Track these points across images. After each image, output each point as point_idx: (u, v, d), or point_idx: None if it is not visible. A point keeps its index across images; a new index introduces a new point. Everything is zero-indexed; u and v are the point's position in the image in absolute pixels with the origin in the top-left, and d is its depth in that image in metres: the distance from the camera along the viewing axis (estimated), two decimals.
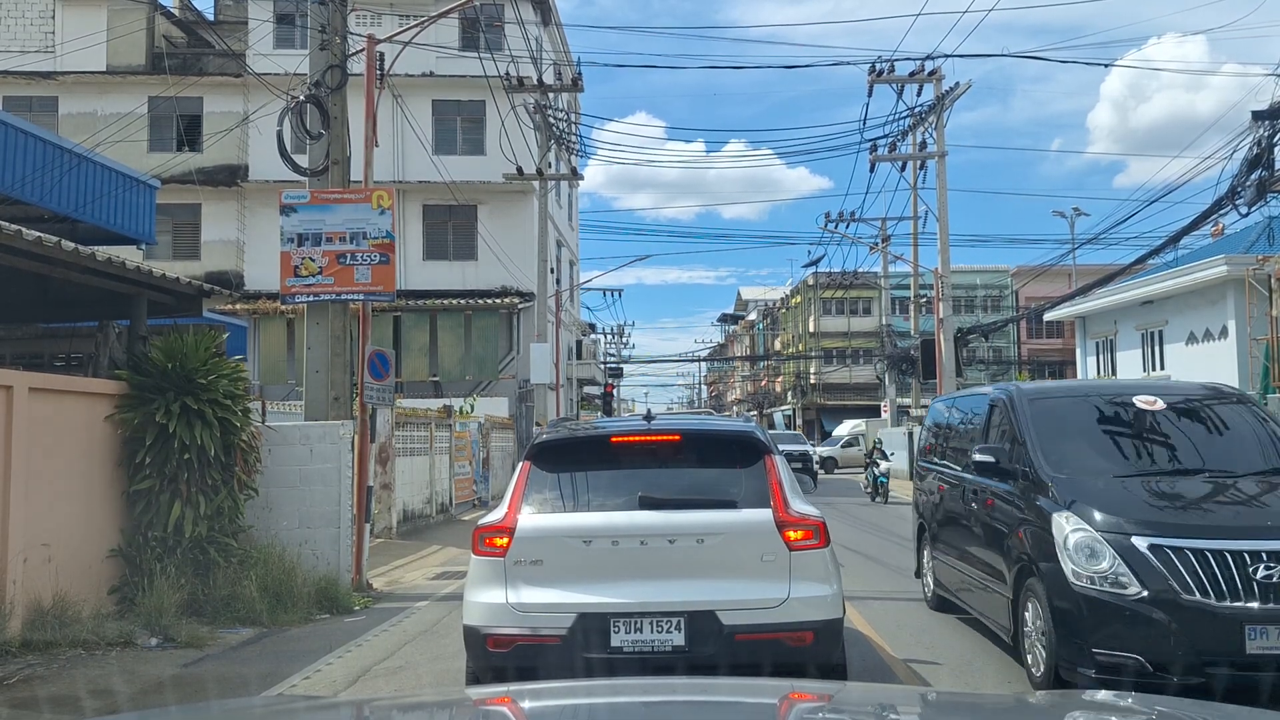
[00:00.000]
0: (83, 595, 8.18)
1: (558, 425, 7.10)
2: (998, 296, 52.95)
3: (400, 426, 16.74)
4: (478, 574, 5.40)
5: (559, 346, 30.62)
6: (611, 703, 2.68)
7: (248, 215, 28.41)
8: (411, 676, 7.09)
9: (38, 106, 26.73)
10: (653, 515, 5.34)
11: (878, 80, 24.14)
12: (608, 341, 53.26)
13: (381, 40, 12.48)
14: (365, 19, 23.59)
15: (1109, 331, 29.52)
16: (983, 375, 48.93)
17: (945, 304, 25.44)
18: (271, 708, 3.32)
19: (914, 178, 28.98)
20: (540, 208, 26.95)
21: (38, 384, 8.10)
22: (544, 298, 27.32)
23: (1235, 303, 21.82)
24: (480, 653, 5.32)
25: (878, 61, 24.00)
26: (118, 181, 13.12)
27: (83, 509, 8.52)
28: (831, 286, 44.27)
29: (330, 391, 11.10)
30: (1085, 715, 2.55)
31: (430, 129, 27.47)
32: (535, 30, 28.85)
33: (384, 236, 10.73)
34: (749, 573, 5.24)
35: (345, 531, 10.40)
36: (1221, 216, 16.96)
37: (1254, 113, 14.12)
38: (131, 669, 7.30)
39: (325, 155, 11.28)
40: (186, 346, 9.22)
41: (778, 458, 5.69)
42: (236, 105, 27.36)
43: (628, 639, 5.11)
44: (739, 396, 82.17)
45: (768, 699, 2.73)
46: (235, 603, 8.92)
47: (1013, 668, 7.05)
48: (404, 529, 16.49)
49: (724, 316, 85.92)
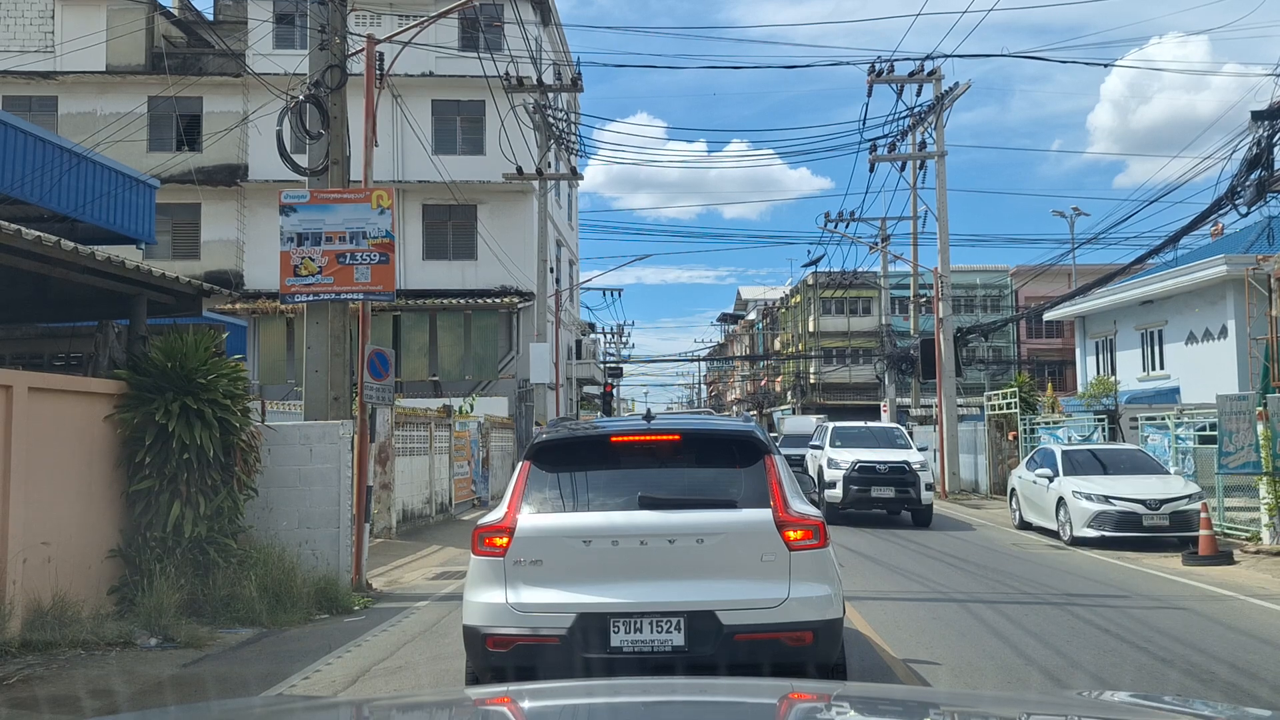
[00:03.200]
0: (82, 595, 8.18)
1: (557, 425, 7.09)
2: (997, 296, 52.94)
3: (400, 426, 16.73)
4: (477, 574, 5.40)
5: (559, 346, 30.62)
6: (611, 703, 2.68)
7: (247, 215, 28.40)
8: (411, 676, 7.09)
9: (37, 106, 26.72)
10: (652, 515, 5.34)
11: (877, 80, 24.15)
12: (607, 341, 53.30)
13: (381, 40, 12.47)
14: (365, 19, 23.58)
15: (1108, 331, 29.53)
16: (982, 375, 48.97)
17: (945, 304, 25.44)
18: (271, 708, 3.32)
19: (914, 178, 28.99)
20: (540, 207, 26.95)
21: (37, 384, 8.09)
22: (544, 297, 27.32)
23: (1235, 302, 21.86)
24: (480, 653, 5.32)
25: (877, 62, 24.02)
26: (117, 181, 13.11)
27: (82, 509, 8.52)
28: (831, 286, 44.23)
29: (330, 391, 11.10)
30: (1084, 715, 2.55)
31: (430, 129, 27.46)
32: (535, 30, 28.85)
33: (383, 236, 10.73)
34: (749, 573, 5.24)
35: (345, 531, 10.40)
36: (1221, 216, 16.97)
37: (1253, 113, 14.13)
38: (131, 669, 7.30)
39: (325, 155, 11.28)
40: (186, 346, 9.22)
41: (777, 457, 5.69)
42: (236, 105, 27.36)
43: (627, 639, 5.11)
44: (739, 396, 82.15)
45: (767, 699, 2.73)
46: (235, 603, 8.92)
47: (1013, 667, 7.06)
48: (403, 529, 16.49)
49: (724, 316, 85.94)
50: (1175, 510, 13.99)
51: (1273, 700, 6.39)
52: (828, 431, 20.12)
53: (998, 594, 10.32)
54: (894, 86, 24.39)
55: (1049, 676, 6.82)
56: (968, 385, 38.80)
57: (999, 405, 25.50)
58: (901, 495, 17.64)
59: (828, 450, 18.78)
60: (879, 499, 17.78)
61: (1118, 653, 7.55)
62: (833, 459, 18.22)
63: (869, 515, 18.43)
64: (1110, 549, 13.87)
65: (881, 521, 18.23)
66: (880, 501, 17.89)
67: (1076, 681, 6.68)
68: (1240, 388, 19.09)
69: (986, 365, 50.96)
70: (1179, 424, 17.25)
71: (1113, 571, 12.16)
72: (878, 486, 17.58)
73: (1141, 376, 27.42)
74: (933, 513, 18.01)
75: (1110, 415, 21.04)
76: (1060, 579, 11.39)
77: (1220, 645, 7.87)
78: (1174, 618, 9.05)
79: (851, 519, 17.99)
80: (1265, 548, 13.30)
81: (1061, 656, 7.38)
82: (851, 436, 19.61)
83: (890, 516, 18.59)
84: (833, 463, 18.12)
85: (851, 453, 18.22)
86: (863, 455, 18.02)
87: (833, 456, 18.31)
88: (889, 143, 26.06)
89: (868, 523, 17.93)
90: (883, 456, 18.02)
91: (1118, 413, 21.15)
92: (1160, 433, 17.91)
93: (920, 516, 17.81)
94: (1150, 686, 6.59)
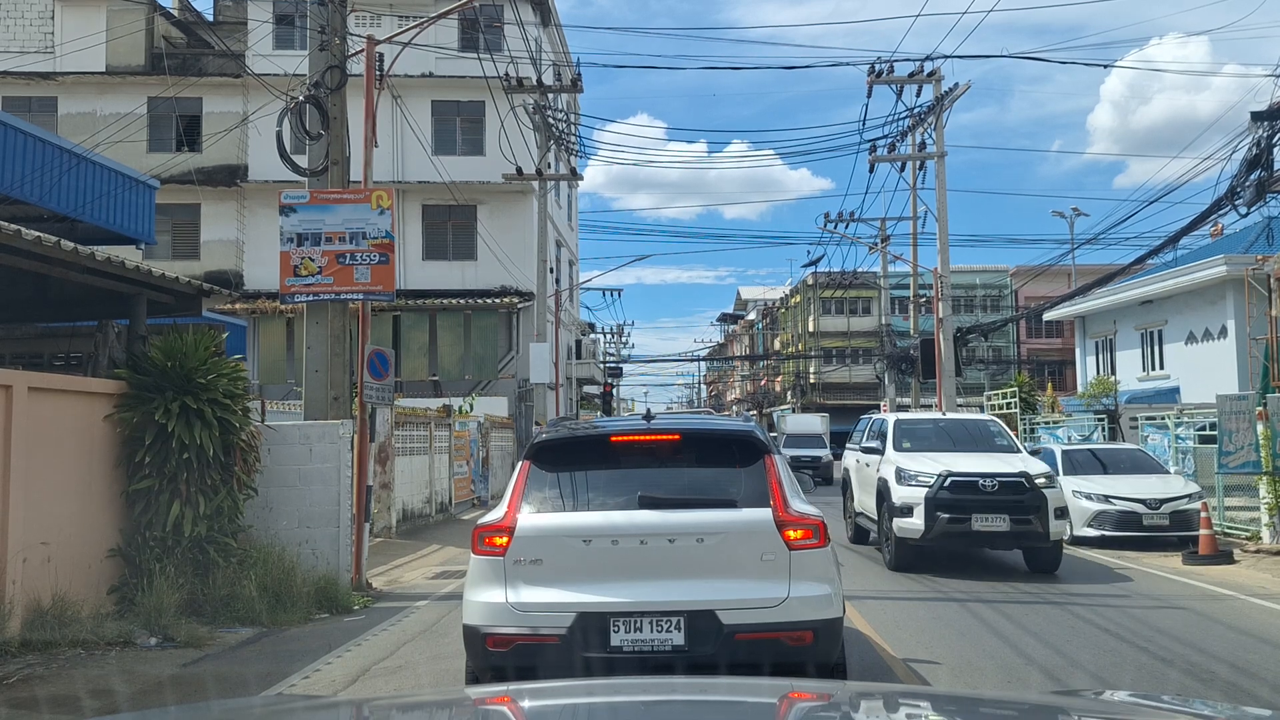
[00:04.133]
0: (82, 595, 8.18)
1: (557, 425, 7.09)
2: (997, 296, 52.95)
3: (400, 426, 16.73)
4: (477, 573, 5.40)
5: (558, 346, 30.61)
6: (611, 702, 2.68)
7: (247, 215, 28.40)
8: (411, 676, 7.09)
9: (37, 107, 26.71)
10: (652, 515, 5.34)
11: (877, 81, 24.13)
12: (607, 341, 53.27)
13: (381, 41, 12.47)
14: (365, 19, 23.57)
15: (1108, 331, 29.53)
16: (982, 375, 48.96)
17: (945, 304, 25.43)
18: (271, 707, 3.32)
19: (913, 178, 28.97)
20: (540, 208, 26.94)
21: (37, 383, 8.10)
22: (543, 297, 27.31)
23: (1234, 303, 21.86)
24: (480, 652, 5.32)
25: (877, 62, 23.98)
26: (117, 181, 13.11)
27: (82, 508, 8.52)
28: (831, 286, 44.20)
29: (330, 391, 11.10)
30: (1084, 715, 2.55)
31: (430, 129, 27.46)
32: (534, 31, 28.84)
33: (383, 236, 10.74)
34: (748, 572, 5.24)
35: (345, 531, 10.40)
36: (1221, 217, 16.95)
37: (1253, 113, 14.13)
38: (131, 669, 7.30)
39: (325, 155, 11.28)
40: (186, 346, 9.22)
41: (777, 457, 5.69)
42: (236, 105, 27.35)
43: (627, 638, 5.11)
44: (738, 396, 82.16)
45: (767, 698, 2.73)
46: (235, 602, 8.92)
47: (1013, 667, 7.06)
48: (403, 528, 16.49)
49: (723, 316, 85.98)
50: (1175, 510, 14.00)
51: (1273, 700, 6.39)
52: (887, 428, 13.41)
53: (998, 594, 10.31)
54: (894, 87, 24.37)
55: (1049, 676, 6.82)
56: (968, 385, 38.79)
57: (999, 405, 25.51)
58: (1020, 527, 11.28)
59: (893, 456, 12.56)
60: (983, 534, 11.41)
61: (1118, 652, 7.55)
62: (905, 470, 11.98)
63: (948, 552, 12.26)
64: (1110, 548, 13.87)
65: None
66: (985, 537, 11.52)
67: (1076, 681, 6.68)
68: (1240, 388, 19.09)
69: (986, 365, 50.97)
70: (1179, 424, 17.26)
71: (1113, 571, 12.15)
72: (983, 515, 11.31)
73: (1141, 376, 27.42)
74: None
75: (1110, 415, 21.05)
76: (1060, 578, 11.38)
77: (1220, 645, 7.87)
78: (1174, 617, 9.05)
79: (929, 558, 11.95)
80: (1265, 547, 13.30)
81: (1061, 656, 7.38)
82: (924, 435, 13.28)
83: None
84: (905, 475, 11.89)
85: (933, 460, 12.06)
86: (954, 463, 11.85)
87: (904, 466, 12.07)
88: (889, 143, 26.04)
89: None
90: (985, 465, 11.79)
91: (1118, 413, 21.16)
92: (1160, 432, 17.92)
93: (1044, 558, 11.74)
94: (1150, 686, 6.59)
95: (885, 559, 12.26)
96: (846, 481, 15.27)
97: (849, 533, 14.65)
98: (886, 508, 12.08)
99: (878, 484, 12.58)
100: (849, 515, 14.97)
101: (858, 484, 14.27)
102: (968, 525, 11.35)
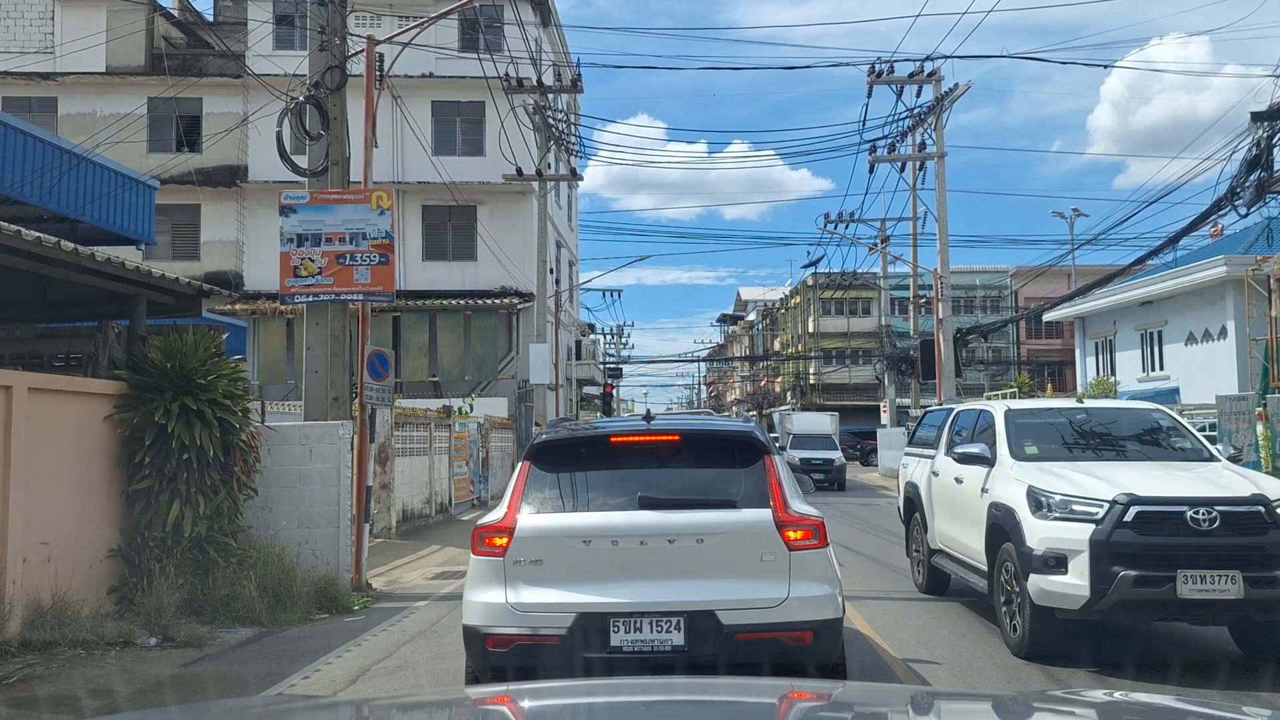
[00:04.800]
0: (82, 595, 8.18)
1: (557, 425, 7.09)
2: (997, 297, 52.99)
3: (399, 426, 16.73)
4: (477, 574, 5.40)
5: (558, 347, 30.62)
6: (611, 702, 2.68)
7: (247, 216, 28.40)
8: (411, 676, 7.09)
9: (37, 107, 26.72)
10: (652, 515, 5.34)
11: (877, 81, 24.16)
12: (607, 342, 53.29)
13: (381, 41, 12.48)
14: (365, 20, 23.58)
15: (1108, 332, 29.52)
16: (982, 376, 48.99)
17: (944, 304, 25.44)
18: (271, 707, 3.32)
19: (913, 178, 29.01)
20: (540, 208, 26.95)
21: (37, 384, 8.10)
22: (543, 298, 27.32)
23: (1234, 303, 21.85)
24: (480, 652, 5.32)
25: (877, 63, 24.02)
26: (117, 182, 13.10)
27: (82, 508, 8.52)
28: (831, 287, 44.27)
29: (330, 391, 11.11)
30: (1085, 714, 2.55)
31: (430, 130, 27.47)
32: (534, 31, 28.85)
33: (383, 237, 10.74)
34: (748, 572, 5.24)
35: (344, 531, 10.40)
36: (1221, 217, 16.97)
37: (1253, 114, 14.16)
38: (131, 669, 7.30)
39: (325, 156, 11.28)
40: (186, 346, 9.22)
41: (777, 458, 5.70)
42: (236, 106, 27.36)
43: (627, 639, 5.11)
44: (738, 397, 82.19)
45: (767, 698, 2.73)
46: (234, 602, 8.92)
47: (1013, 667, 7.06)
48: (403, 529, 16.49)
49: (723, 317, 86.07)
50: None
51: (1273, 700, 6.38)
52: (995, 421, 8.67)
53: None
54: (894, 87, 24.39)
55: (1049, 676, 6.82)
56: (967, 386, 38.78)
57: None
58: (1261, 591, 6.57)
59: (1014, 467, 7.97)
60: (1198, 603, 6.65)
61: (1118, 651, 7.54)
62: (1044, 492, 7.30)
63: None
64: None
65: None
66: (1199, 608, 6.73)
67: (1077, 680, 6.68)
68: (1240, 388, 19.09)
69: (986, 366, 51.00)
70: None
71: None
72: (1197, 572, 6.62)
73: (1141, 377, 27.42)
74: None
75: None
76: None
77: (1220, 643, 7.86)
78: None
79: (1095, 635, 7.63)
80: None
81: (1061, 655, 7.37)
82: (1057, 434, 8.50)
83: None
84: (1047, 501, 7.23)
85: (1088, 474, 7.40)
86: (1131, 481, 7.15)
87: (1043, 486, 7.38)
88: (889, 144, 26.07)
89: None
90: (1187, 486, 7.12)
91: None
92: None
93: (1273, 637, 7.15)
94: (1150, 685, 6.58)
95: (1008, 634, 7.59)
96: (913, 501, 10.54)
97: (918, 577, 10.35)
98: (1014, 554, 7.39)
99: (989, 512, 7.95)
100: (917, 549, 10.47)
101: (938, 506, 9.66)
102: (1171, 589, 6.62)
